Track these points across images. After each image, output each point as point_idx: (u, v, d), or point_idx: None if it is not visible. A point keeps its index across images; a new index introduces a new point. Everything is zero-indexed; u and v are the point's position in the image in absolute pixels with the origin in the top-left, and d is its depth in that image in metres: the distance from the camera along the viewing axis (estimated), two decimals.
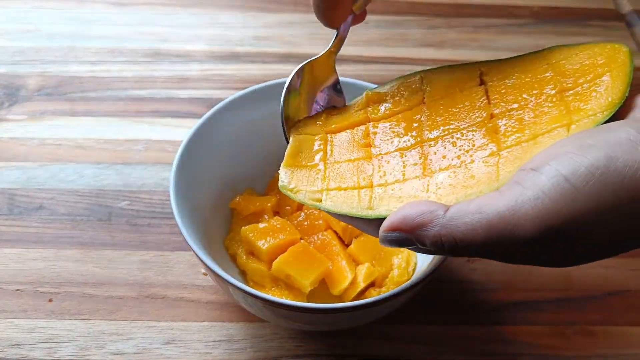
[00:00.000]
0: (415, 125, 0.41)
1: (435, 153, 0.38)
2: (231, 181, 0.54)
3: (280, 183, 0.41)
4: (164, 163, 0.62)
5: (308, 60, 0.44)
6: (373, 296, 0.46)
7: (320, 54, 0.44)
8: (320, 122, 0.43)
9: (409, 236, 0.33)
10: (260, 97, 0.53)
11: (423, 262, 0.50)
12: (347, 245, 0.52)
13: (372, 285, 0.50)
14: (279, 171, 0.41)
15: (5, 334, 0.50)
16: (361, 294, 0.49)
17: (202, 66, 0.71)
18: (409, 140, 0.40)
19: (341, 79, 0.53)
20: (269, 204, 0.54)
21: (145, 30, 0.75)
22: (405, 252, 0.52)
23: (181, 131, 0.64)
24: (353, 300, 0.49)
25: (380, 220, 0.36)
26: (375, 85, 0.49)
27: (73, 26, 0.75)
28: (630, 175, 0.29)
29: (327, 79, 0.45)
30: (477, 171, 0.36)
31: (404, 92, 0.42)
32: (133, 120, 0.65)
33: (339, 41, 0.43)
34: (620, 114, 0.35)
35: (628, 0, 0.76)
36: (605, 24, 0.79)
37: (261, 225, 0.50)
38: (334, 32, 0.43)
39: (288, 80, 0.43)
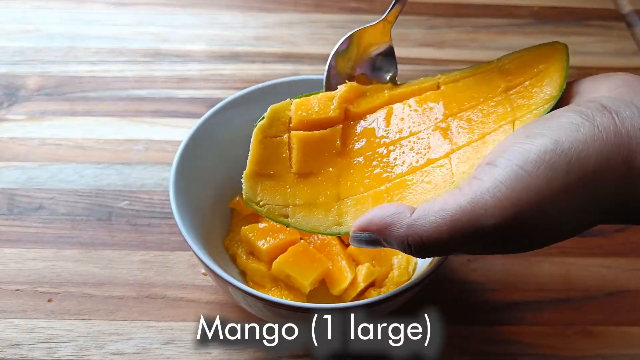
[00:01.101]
0: (380, 127, 0.41)
1: (395, 159, 0.40)
2: (231, 181, 0.54)
3: (244, 195, 0.41)
4: (164, 163, 0.62)
5: (359, 28, 0.43)
6: (373, 296, 0.46)
7: (375, 22, 0.43)
8: (287, 119, 0.41)
9: (377, 237, 0.35)
10: (260, 97, 0.53)
11: (423, 262, 0.50)
12: (347, 245, 0.52)
13: (372, 285, 0.50)
14: (242, 180, 0.41)
15: (5, 334, 0.50)
16: (361, 294, 0.49)
17: (202, 66, 0.71)
18: (373, 145, 0.41)
19: None
20: None
21: (145, 30, 0.75)
22: None
23: (181, 131, 0.64)
24: (353, 300, 0.49)
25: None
26: None
27: (73, 26, 0.75)
28: (576, 156, 0.31)
29: (379, 48, 0.45)
30: (433, 176, 0.38)
31: (375, 93, 0.43)
32: (133, 120, 0.65)
33: (396, 10, 0.43)
34: (563, 101, 0.37)
35: (628, 0, 0.76)
36: (605, 24, 0.79)
37: (261, 225, 0.50)
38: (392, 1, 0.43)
39: (336, 46, 0.43)
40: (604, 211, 0.33)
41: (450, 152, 0.38)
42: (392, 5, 0.43)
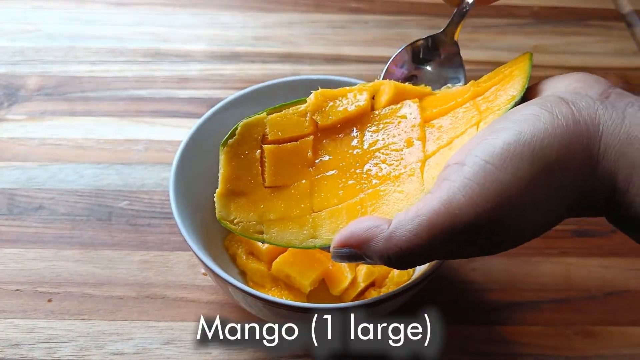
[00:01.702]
0: (354, 137, 0.42)
1: (369, 170, 0.40)
2: None
3: (217, 214, 0.40)
4: (164, 163, 0.62)
5: (416, 40, 0.45)
6: (373, 296, 0.46)
7: (436, 33, 0.45)
8: (259, 136, 0.41)
9: (357, 252, 0.35)
10: (260, 97, 0.53)
11: None
12: None
13: (372, 285, 0.50)
14: (214, 199, 0.40)
15: (5, 334, 0.50)
16: (361, 294, 0.49)
17: (201, 66, 0.71)
18: (346, 156, 0.41)
19: (340, 78, 0.53)
20: None
21: (145, 30, 0.75)
22: None
23: (181, 131, 0.64)
24: (353, 300, 0.49)
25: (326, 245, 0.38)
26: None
27: (73, 26, 0.75)
28: (539, 145, 0.32)
29: (443, 58, 0.46)
30: (405, 185, 0.38)
31: (350, 100, 0.43)
32: (133, 120, 0.65)
33: (455, 18, 0.45)
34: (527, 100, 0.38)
35: (628, 0, 0.76)
36: (605, 24, 0.78)
37: None
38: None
39: (394, 55, 0.45)
40: (570, 203, 0.33)
41: (423, 160, 0.39)
42: (452, 18, 0.44)
